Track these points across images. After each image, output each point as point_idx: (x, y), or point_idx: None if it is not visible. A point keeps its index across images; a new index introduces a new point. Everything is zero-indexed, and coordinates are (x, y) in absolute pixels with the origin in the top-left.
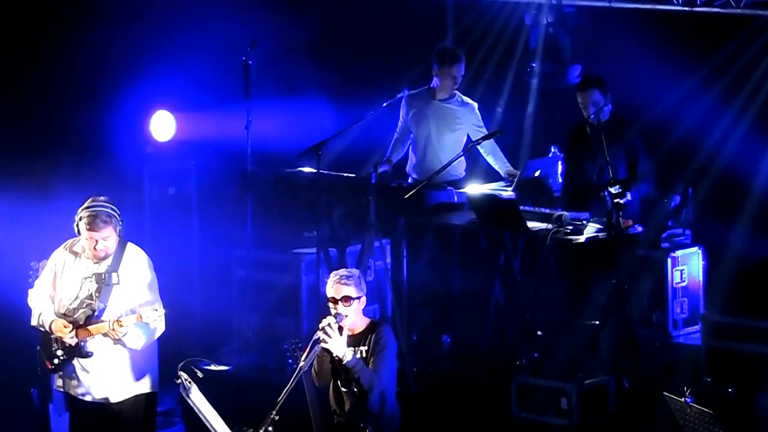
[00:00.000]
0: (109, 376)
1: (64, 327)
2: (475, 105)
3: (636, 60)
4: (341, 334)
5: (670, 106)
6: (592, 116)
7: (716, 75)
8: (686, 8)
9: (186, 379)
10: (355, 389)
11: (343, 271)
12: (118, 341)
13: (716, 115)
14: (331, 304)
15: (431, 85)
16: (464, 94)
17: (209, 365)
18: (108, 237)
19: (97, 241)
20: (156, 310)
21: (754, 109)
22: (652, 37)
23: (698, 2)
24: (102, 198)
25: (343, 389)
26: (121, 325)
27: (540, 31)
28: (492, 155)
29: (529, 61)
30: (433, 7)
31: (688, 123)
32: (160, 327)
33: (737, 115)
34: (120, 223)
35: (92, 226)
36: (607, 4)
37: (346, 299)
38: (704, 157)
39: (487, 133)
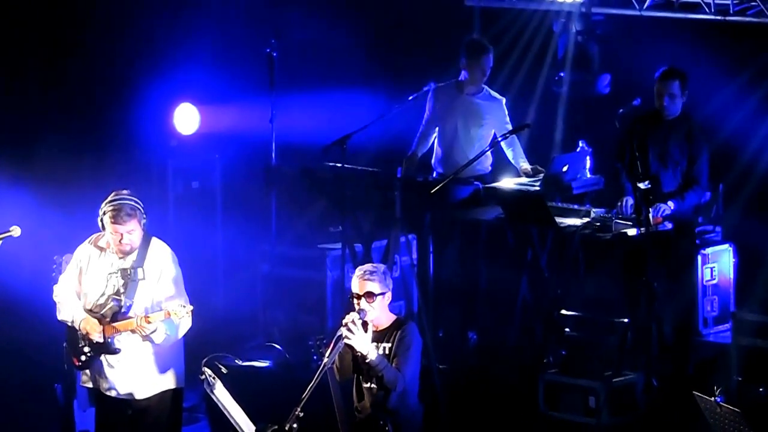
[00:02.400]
0: (135, 372)
1: (95, 326)
2: (503, 100)
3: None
4: (366, 331)
5: (702, 112)
6: (665, 108)
7: (750, 83)
8: (719, 17)
9: (210, 375)
10: (376, 386)
11: (367, 267)
12: (145, 337)
13: (750, 117)
14: (354, 300)
15: (459, 79)
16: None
17: (234, 361)
18: (133, 230)
19: (122, 235)
20: (184, 306)
21: None
22: (684, 46)
23: (731, 11)
24: (125, 191)
25: (364, 385)
26: (149, 322)
27: (568, 40)
28: (511, 149)
29: (558, 70)
30: (460, 15)
31: (720, 125)
32: (186, 323)
33: None
34: (144, 216)
35: (117, 220)
36: (638, 13)
37: (369, 295)
38: (737, 155)
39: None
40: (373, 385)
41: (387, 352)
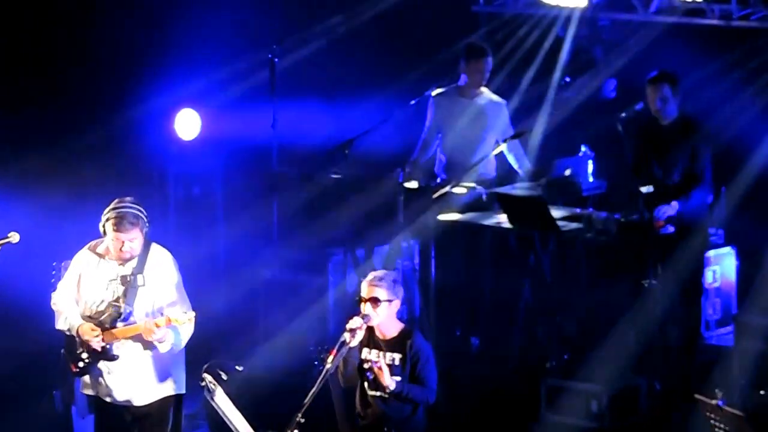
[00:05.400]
0: (135, 378)
1: (92, 331)
2: (504, 103)
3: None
4: (361, 333)
5: (706, 116)
6: (658, 112)
7: (754, 87)
8: (722, 22)
9: (211, 382)
10: (386, 395)
11: (378, 273)
12: (150, 345)
13: (753, 121)
14: (361, 304)
15: (459, 83)
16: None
17: (234, 367)
18: (134, 239)
19: (123, 242)
20: (186, 313)
21: None
22: (688, 51)
23: (734, 16)
24: (129, 199)
25: (370, 392)
26: (159, 326)
27: (574, 45)
28: (513, 154)
29: (563, 75)
30: (466, 21)
31: (723, 129)
32: (188, 330)
33: None
34: (147, 224)
35: (119, 228)
36: (643, 18)
37: (374, 301)
38: (740, 158)
39: (514, 132)
40: (380, 393)
41: (397, 362)
